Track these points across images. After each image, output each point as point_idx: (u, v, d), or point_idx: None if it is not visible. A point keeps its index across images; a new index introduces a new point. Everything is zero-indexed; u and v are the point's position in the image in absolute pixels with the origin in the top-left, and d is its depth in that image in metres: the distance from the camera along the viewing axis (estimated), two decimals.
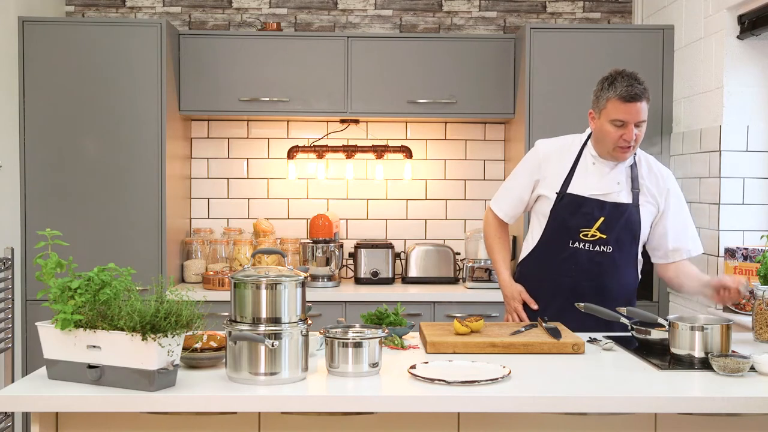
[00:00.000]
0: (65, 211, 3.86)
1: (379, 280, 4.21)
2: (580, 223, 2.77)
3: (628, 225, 2.77)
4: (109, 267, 2.09)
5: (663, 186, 2.84)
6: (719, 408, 1.98)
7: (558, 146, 2.91)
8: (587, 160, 2.83)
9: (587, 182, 2.79)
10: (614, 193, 2.78)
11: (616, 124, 2.69)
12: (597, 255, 2.78)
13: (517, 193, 2.92)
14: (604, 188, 2.78)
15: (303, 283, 2.13)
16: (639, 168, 2.83)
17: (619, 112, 2.67)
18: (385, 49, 4.12)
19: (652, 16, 4.20)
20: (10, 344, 3.64)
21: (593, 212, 2.76)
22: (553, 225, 2.83)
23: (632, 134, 2.68)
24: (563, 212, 2.80)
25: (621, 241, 2.78)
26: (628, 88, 2.65)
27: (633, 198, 2.79)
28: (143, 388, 1.97)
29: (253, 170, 4.52)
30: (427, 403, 1.97)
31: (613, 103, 2.68)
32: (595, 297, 2.75)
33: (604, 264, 2.79)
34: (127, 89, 3.87)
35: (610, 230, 2.76)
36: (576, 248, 2.79)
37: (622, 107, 2.66)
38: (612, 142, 2.71)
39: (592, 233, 2.76)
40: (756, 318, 2.66)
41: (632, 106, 2.66)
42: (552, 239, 2.84)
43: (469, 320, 2.57)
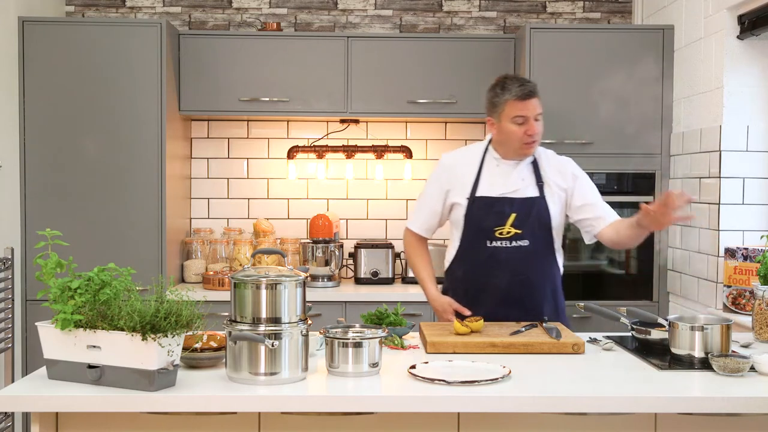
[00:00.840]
0: (65, 211, 3.86)
1: (379, 280, 4.21)
2: (494, 222, 2.87)
3: (539, 216, 2.87)
4: (109, 267, 2.09)
5: (566, 172, 2.95)
6: (719, 408, 1.99)
7: (461, 155, 3.04)
8: (491, 163, 2.95)
9: (494, 183, 2.91)
10: (521, 189, 2.90)
11: (518, 121, 2.83)
12: (515, 250, 2.86)
13: (429, 206, 3.02)
14: (510, 186, 2.90)
15: (303, 283, 2.13)
16: (540, 162, 2.94)
17: (518, 110, 2.83)
18: (385, 49, 4.12)
19: (652, 16, 4.20)
20: (10, 344, 3.64)
21: (504, 210, 2.87)
22: (469, 228, 2.92)
23: (534, 128, 2.83)
24: (476, 215, 2.90)
25: (535, 233, 2.87)
26: (521, 87, 2.84)
27: (539, 191, 2.90)
28: (143, 388, 1.97)
29: (253, 170, 4.52)
30: (427, 403, 1.97)
31: (510, 104, 2.84)
32: (521, 291, 2.86)
33: (524, 258, 2.87)
34: (127, 89, 3.87)
35: (524, 224, 2.86)
36: (494, 247, 2.87)
37: (520, 105, 2.83)
38: (518, 140, 2.84)
39: (507, 230, 2.86)
40: (756, 318, 2.66)
41: (528, 103, 2.83)
42: (470, 243, 2.92)
43: (469, 320, 2.57)
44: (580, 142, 3.93)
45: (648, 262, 3.97)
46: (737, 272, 3.27)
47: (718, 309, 3.39)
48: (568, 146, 3.92)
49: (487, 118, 2.94)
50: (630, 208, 4.03)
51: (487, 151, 2.97)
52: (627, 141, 3.93)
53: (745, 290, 3.24)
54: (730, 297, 3.29)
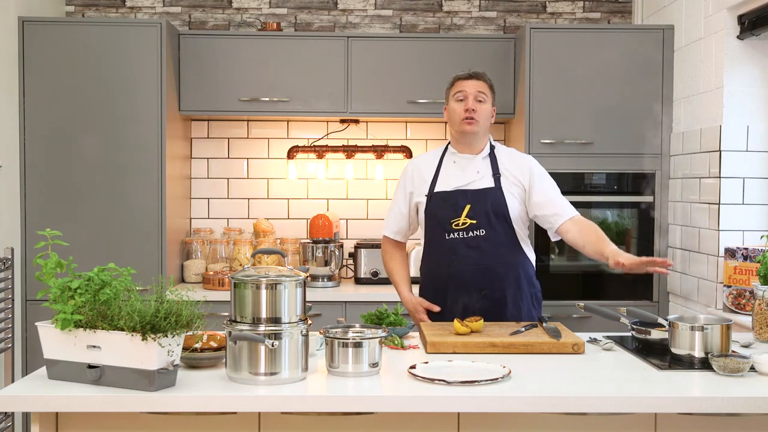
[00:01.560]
0: (65, 211, 3.86)
1: (379, 280, 4.20)
2: (450, 214, 2.95)
3: (494, 206, 2.93)
4: (109, 267, 2.09)
5: (524, 166, 3.00)
6: (719, 408, 1.99)
7: (423, 158, 3.15)
8: (449, 160, 3.05)
9: (450, 178, 3.00)
10: (476, 181, 2.97)
11: (459, 97, 2.97)
12: (472, 240, 2.92)
13: (396, 210, 3.12)
14: (465, 179, 2.98)
15: (303, 283, 2.13)
16: (498, 156, 3.02)
17: (459, 86, 2.99)
18: (385, 49, 4.12)
19: (652, 16, 4.20)
20: (10, 344, 3.64)
21: (459, 202, 2.94)
22: (429, 224, 3.01)
23: (472, 103, 2.94)
24: (433, 209, 2.99)
25: (492, 222, 2.92)
26: (468, 70, 3.05)
27: (495, 182, 2.96)
28: (143, 388, 1.97)
29: (253, 170, 4.52)
30: (427, 403, 1.97)
31: (455, 83, 3.02)
32: (482, 280, 2.91)
33: (482, 247, 2.92)
34: (127, 89, 3.87)
35: (479, 214, 2.92)
36: (452, 239, 2.94)
37: (462, 82, 2.99)
38: (458, 115, 2.96)
39: (463, 221, 2.93)
40: (756, 318, 2.66)
41: (470, 81, 2.99)
42: (431, 238, 3.02)
43: (469, 320, 2.57)
44: (580, 142, 3.93)
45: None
46: (737, 272, 3.27)
47: (718, 309, 3.39)
48: (568, 146, 3.92)
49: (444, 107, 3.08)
50: (630, 208, 4.04)
51: (446, 149, 3.08)
52: (627, 141, 3.93)
53: (745, 290, 3.24)
54: (730, 297, 3.29)
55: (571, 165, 3.94)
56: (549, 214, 2.94)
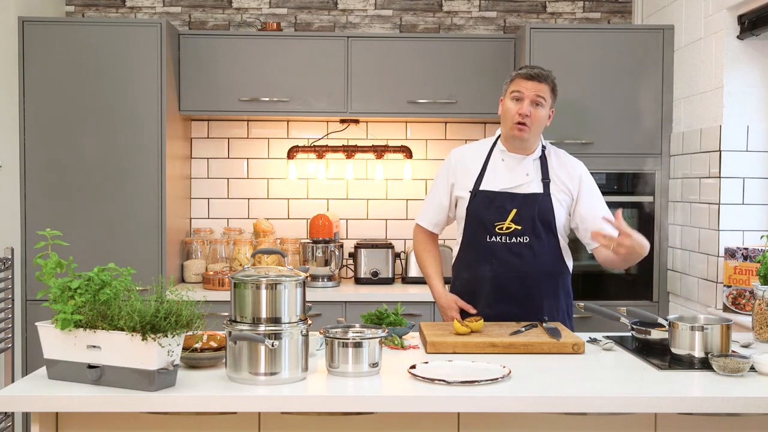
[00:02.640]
0: (65, 211, 3.86)
1: (379, 280, 4.21)
2: (494, 217, 2.84)
3: (541, 213, 2.83)
4: (109, 267, 2.09)
5: (575, 174, 2.91)
6: (719, 408, 1.98)
7: (470, 150, 3.02)
8: (497, 157, 2.92)
9: (497, 178, 2.89)
10: (525, 185, 2.86)
11: (515, 96, 2.82)
12: (515, 246, 2.83)
13: (437, 201, 3.01)
14: (513, 181, 2.87)
15: (303, 283, 2.13)
16: (548, 160, 2.91)
17: (517, 85, 2.83)
18: (385, 49, 4.12)
19: (652, 16, 4.20)
20: (10, 344, 3.64)
21: (505, 205, 2.84)
22: (470, 223, 2.90)
23: (526, 108, 2.80)
24: (477, 209, 2.87)
25: (537, 230, 2.83)
26: (530, 68, 2.85)
27: (543, 187, 2.86)
28: (143, 388, 1.97)
29: (253, 170, 4.52)
30: (427, 403, 1.97)
31: (515, 80, 2.85)
32: (519, 288, 2.82)
33: (524, 254, 2.83)
34: (127, 89, 3.87)
35: (524, 220, 2.82)
36: (493, 242, 2.84)
37: (522, 82, 2.82)
38: (511, 117, 2.83)
39: (507, 225, 2.83)
40: (756, 318, 2.66)
41: (530, 82, 2.81)
42: (471, 238, 2.91)
43: (469, 320, 2.57)
44: (580, 142, 3.93)
45: (648, 262, 3.96)
46: (737, 272, 3.27)
47: (718, 309, 3.39)
48: (568, 146, 3.91)
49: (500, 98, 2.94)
50: (630, 208, 4.04)
51: (495, 145, 2.95)
52: (627, 141, 3.93)
53: (745, 290, 3.24)
54: (730, 297, 3.29)
55: None
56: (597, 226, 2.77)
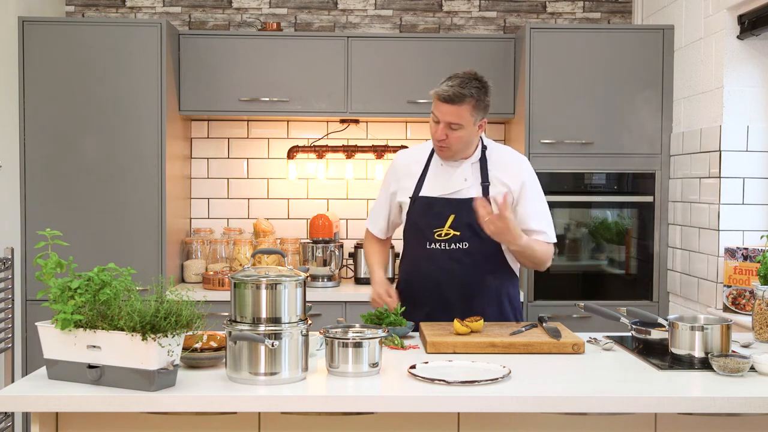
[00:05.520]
0: (65, 211, 3.86)
1: None
2: (432, 223, 2.77)
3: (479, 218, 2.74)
4: (109, 267, 2.08)
5: (517, 175, 2.79)
6: (719, 408, 1.98)
7: (411, 154, 2.95)
8: (436, 162, 2.84)
9: (436, 183, 2.81)
10: (463, 190, 2.78)
11: (434, 119, 2.72)
12: (454, 252, 2.75)
13: (379, 206, 2.97)
14: (451, 187, 2.79)
15: (303, 283, 2.13)
16: (488, 162, 2.80)
17: (434, 107, 2.71)
18: (385, 49, 4.12)
19: (652, 16, 4.20)
20: (10, 344, 3.64)
21: (443, 211, 2.76)
22: (410, 229, 2.85)
23: (441, 133, 2.69)
24: (416, 215, 2.81)
25: (476, 235, 2.73)
26: (446, 87, 2.66)
27: (483, 191, 2.76)
28: (143, 388, 1.97)
29: (253, 170, 4.52)
30: (427, 403, 1.97)
31: (434, 99, 2.71)
32: (459, 294, 2.76)
33: (463, 261, 2.75)
34: (127, 89, 3.87)
35: (463, 226, 2.74)
36: (432, 249, 2.77)
37: (436, 104, 2.69)
38: (432, 136, 2.75)
39: (446, 231, 2.76)
40: (756, 318, 2.66)
41: (443, 106, 2.67)
42: (411, 244, 2.86)
43: (469, 320, 2.57)
44: (580, 142, 3.93)
45: (648, 262, 3.97)
46: (737, 272, 3.27)
47: (718, 309, 3.39)
48: (568, 146, 3.92)
49: None
50: (630, 208, 4.04)
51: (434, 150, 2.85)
52: (627, 141, 3.93)
53: (745, 290, 3.24)
54: (730, 297, 3.29)
55: (571, 165, 3.93)
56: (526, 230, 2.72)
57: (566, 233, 4.04)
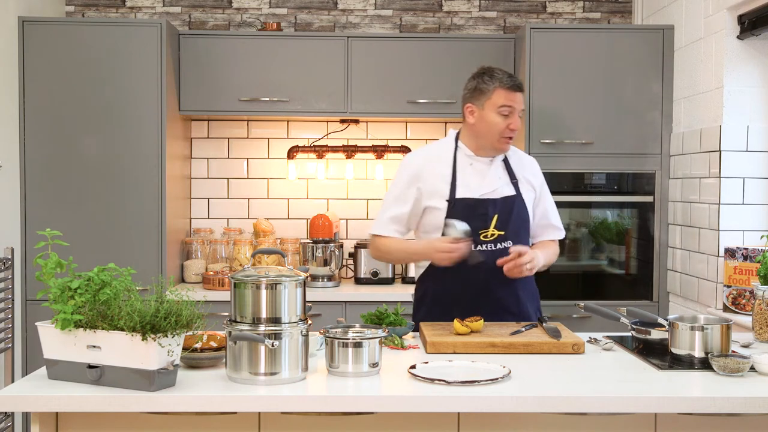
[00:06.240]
0: (65, 211, 3.86)
1: (379, 280, 4.21)
2: (478, 225, 2.73)
3: (519, 216, 2.79)
4: (109, 267, 2.08)
5: (536, 171, 2.92)
6: (719, 408, 1.98)
7: (430, 155, 2.87)
8: (464, 162, 2.82)
9: (472, 184, 2.78)
10: (499, 188, 2.80)
11: (504, 112, 2.73)
12: (501, 252, 2.72)
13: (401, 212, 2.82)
14: (489, 186, 2.79)
15: (303, 283, 2.13)
16: (510, 160, 2.87)
17: (506, 100, 2.73)
18: (385, 49, 4.12)
19: (652, 16, 4.20)
20: (10, 344, 3.64)
21: (487, 211, 2.75)
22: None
23: (517, 122, 2.75)
24: (458, 218, 2.72)
25: (517, 233, 2.78)
26: (510, 78, 2.76)
27: (515, 188, 2.82)
28: (143, 388, 1.97)
29: (253, 170, 4.52)
30: (427, 403, 1.97)
31: (499, 92, 2.73)
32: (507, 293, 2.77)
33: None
34: (127, 89, 3.87)
35: (506, 225, 2.76)
36: (479, 251, 2.73)
37: (510, 95, 2.74)
38: (498, 132, 2.75)
39: (491, 232, 2.75)
40: (756, 318, 2.66)
41: (517, 95, 2.75)
42: None
43: (469, 320, 2.57)
44: (580, 142, 3.93)
45: (648, 262, 3.97)
46: (737, 272, 3.27)
47: (718, 309, 3.39)
48: (568, 146, 3.92)
49: (466, 105, 2.80)
50: (630, 208, 4.04)
51: (457, 148, 2.84)
52: (627, 141, 3.94)
53: (745, 290, 3.24)
54: (730, 297, 3.29)
55: (571, 165, 3.94)
56: (542, 225, 2.87)
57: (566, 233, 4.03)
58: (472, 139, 2.83)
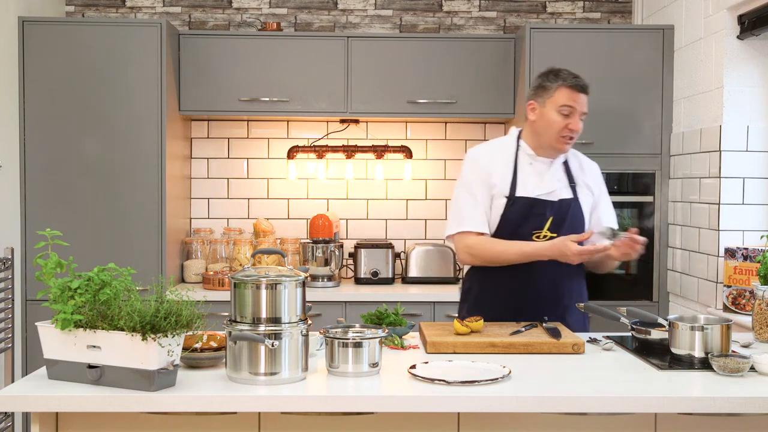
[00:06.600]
0: (65, 211, 3.86)
1: (379, 280, 4.21)
2: (533, 225, 2.75)
3: (574, 219, 2.78)
4: (109, 267, 2.08)
5: (596, 176, 2.90)
6: (719, 408, 1.98)
7: (493, 151, 2.88)
8: (524, 161, 2.82)
9: (530, 183, 2.78)
10: (557, 190, 2.79)
11: (564, 112, 2.72)
12: None
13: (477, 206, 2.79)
14: (547, 187, 2.78)
15: (303, 283, 2.13)
16: (570, 163, 2.86)
17: (568, 99, 2.72)
18: (385, 49, 4.12)
19: (652, 16, 4.20)
20: (10, 344, 3.64)
21: (544, 212, 2.75)
22: (505, 230, 2.77)
23: (578, 124, 2.74)
24: (515, 216, 2.75)
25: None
26: (576, 78, 2.75)
27: (572, 192, 2.81)
28: (143, 388, 1.97)
29: (253, 170, 4.52)
30: (427, 403, 1.97)
31: (562, 91, 2.73)
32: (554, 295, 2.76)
33: (558, 263, 2.71)
34: (127, 89, 3.87)
35: (559, 228, 2.75)
36: None
37: (573, 95, 2.73)
38: (557, 131, 2.73)
39: (544, 233, 2.75)
40: (756, 318, 2.66)
41: (580, 96, 2.74)
42: None
43: (469, 320, 2.57)
44: (580, 142, 3.90)
45: (648, 262, 3.97)
46: (737, 272, 3.27)
47: (718, 309, 3.39)
48: None
49: (528, 102, 2.82)
50: (630, 208, 4.04)
51: (519, 147, 2.84)
52: (627, 141, 3.93)
53: (745, 290, 3.24)
54: (730, 297, 3.29)
55: None
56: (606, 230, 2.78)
57: None
58: (532, 137, 2.83)
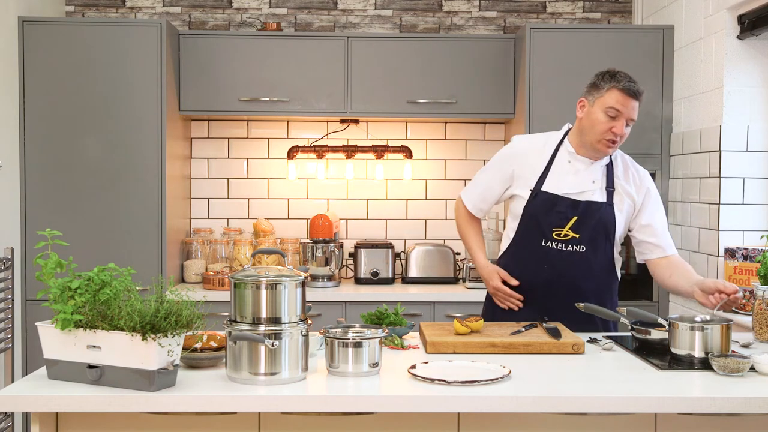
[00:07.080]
0: (65, 211, 3.86)
1: (379, 280, 4.21)
2: (554, 222, 2.73)
3: (601, 224, 2.73)
4: (109, 267, 2.08)
5: (641, 185, 2.81)
6: (719, 408, 1.98)
7: (534, 143, 2.88)
8: (563, 158, 2.80)
9: (562, 181, 2.76)
10: (588, 192, 2.75)
11: (610, 113, 2.68)
12: (569, 255, 2.73)
13: (486, 185, 2.90)
14: (578, 186, 2.75)
15: (303, 283, 2.13)
16: (615, 167, 2.80)
17: (617, 102, 2.67)
18: (385, 49, 4.12)
19: (652, 16, 4.20)
20: (10, 344, 3.64)
21: (566, 211, 2.72)
22: (526, 223, 2.78)
23: (623, 129, 2.69)
24: (536, 211, 2.75)
25: (595, 240, 2.73)
26: (630, 83, 2.70)
27: (607, 197, 2.75)
28: (143, 388, 1.97)
29: (253, 170, 4.52)
30: (427, 403, 1.97)
31: (613, 92, 2.68)
32: (569, 297, 2.72)
33: (577, 264, 2.73)
34: (127, 89, 3.87)
35: (583, 230, 2.72)
36: (548, 247, 2.74)
37: (622, 98, 2.68)
38: (600, 132, 2.69)
39: (565, 232, 2.72)
40: (756, 318, 2.66)
41: (630, 101, 2.69)
42: (525, 238, 2.80)
43: (469, 320, 2.57)
44: None
45: None
46: (737, 272, 3.27)
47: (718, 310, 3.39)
48: None
49: (580, 99, 2.79)
50: None
51: (561, 143, 2.82)
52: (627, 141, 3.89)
53: (745, 290, 3.24)
54: None
55: None
56: (651, 242, 2.78)
57: None
58: (577, 135, 2.80)
